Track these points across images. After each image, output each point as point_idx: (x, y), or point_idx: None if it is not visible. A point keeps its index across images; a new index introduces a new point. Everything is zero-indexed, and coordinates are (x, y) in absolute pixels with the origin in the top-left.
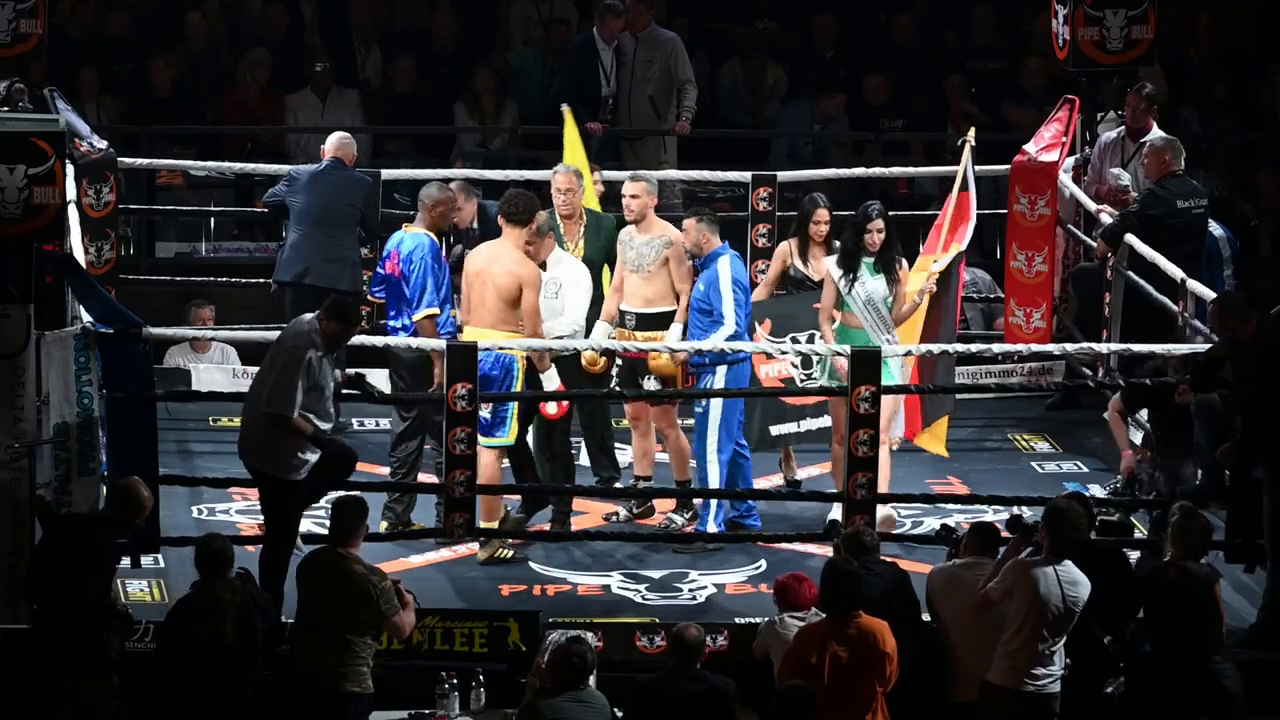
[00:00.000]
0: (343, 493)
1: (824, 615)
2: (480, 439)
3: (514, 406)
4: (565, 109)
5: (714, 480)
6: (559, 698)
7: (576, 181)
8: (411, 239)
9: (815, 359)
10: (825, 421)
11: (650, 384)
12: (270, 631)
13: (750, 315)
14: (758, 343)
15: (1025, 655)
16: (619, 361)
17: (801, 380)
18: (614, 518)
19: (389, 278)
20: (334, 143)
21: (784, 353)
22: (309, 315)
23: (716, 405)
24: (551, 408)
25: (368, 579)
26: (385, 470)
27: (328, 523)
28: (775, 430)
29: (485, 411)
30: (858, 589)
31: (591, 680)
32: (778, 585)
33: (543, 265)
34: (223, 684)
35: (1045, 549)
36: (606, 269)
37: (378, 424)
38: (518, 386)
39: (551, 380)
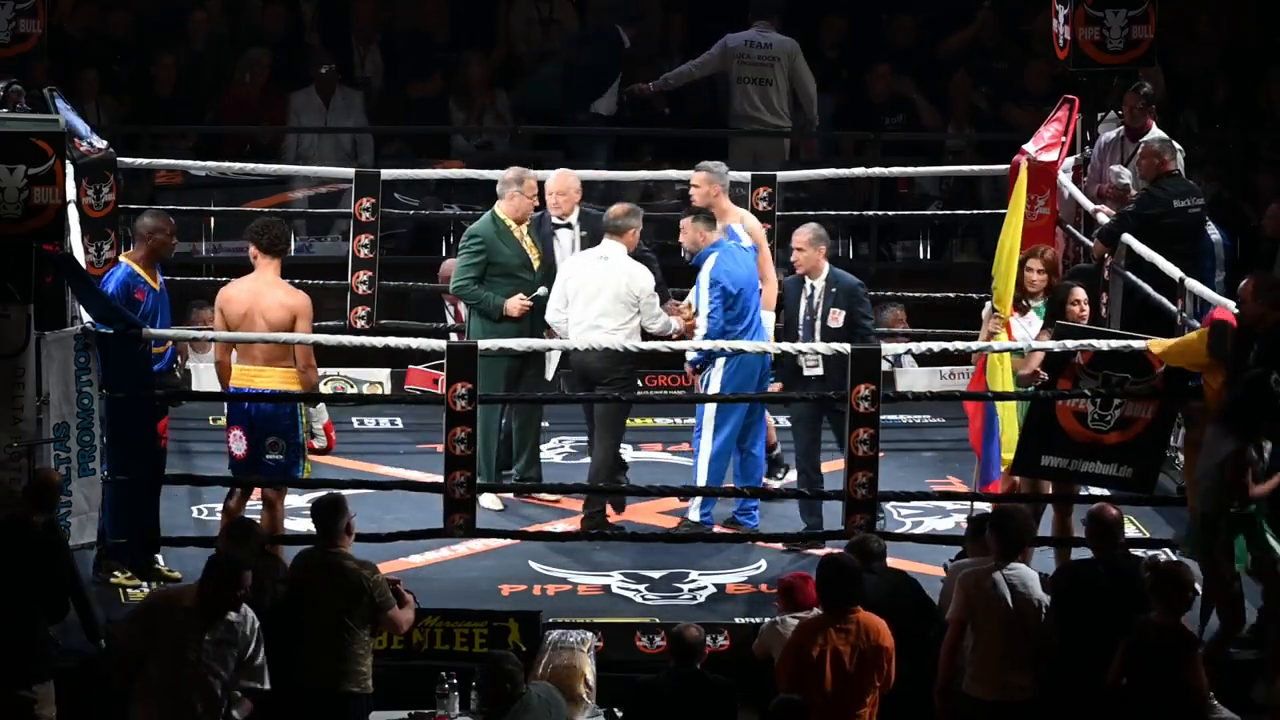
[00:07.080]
0: (321, 493)
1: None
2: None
3: (304, 443)
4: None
5: (701, 477)
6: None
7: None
8: (119, 269)
9: (1114, 401)
10: (1103, 468)
11: None
12: None
13: (742, 313)
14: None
15: (990, 664)
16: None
17: (1094, 420)
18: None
19: None
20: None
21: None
22: None
23: (710, 404)
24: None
25: (359, 573)
26: (384, 470)
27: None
28: (1045, 461)
29: (277, 453)
30: (856, 585)
31: (586, 676)
32: (782, 584)
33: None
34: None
35: (994, 554)
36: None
37: (377, 423)
38: (302, 415)
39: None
